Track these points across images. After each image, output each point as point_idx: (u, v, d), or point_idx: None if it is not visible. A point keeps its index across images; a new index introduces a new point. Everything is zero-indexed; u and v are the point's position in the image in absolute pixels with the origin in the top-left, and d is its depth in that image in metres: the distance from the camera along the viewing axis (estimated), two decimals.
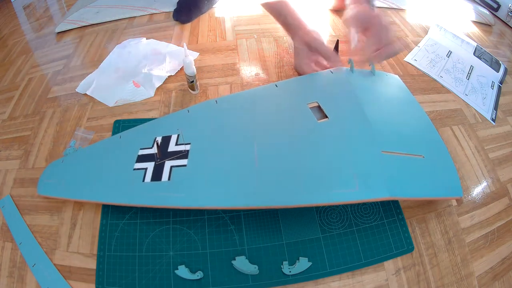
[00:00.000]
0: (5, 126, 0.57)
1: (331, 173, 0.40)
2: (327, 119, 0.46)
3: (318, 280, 0.39)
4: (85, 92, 0.59)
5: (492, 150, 0.54)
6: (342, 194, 0.38)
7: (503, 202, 0.48)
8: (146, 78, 0.60)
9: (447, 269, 0.41)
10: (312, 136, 0.44)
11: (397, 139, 0.44)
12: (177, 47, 0.68)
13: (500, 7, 0.89)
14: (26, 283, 0.40)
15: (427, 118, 0.50)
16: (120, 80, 0.60)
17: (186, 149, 0.44)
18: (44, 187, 0.45)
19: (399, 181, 0.39)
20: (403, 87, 0.56)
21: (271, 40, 0.71)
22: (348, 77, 0.54)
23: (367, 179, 0.39)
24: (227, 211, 0.43)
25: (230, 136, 0.46)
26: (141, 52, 0.65)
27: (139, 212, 0.43)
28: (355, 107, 0.48)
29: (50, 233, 0.43)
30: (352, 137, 0.43)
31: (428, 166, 0.43)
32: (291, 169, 0.41)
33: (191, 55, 0.66)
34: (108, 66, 0.64)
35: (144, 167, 0.44)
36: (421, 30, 0.78)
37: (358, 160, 0.41)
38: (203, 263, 0.40)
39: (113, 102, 0.57)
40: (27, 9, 0.93)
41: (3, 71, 0.69)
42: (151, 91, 0.59)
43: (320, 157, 0.42)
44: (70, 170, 0.46)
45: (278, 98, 0.51)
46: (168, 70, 0.62)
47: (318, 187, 0.39)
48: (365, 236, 0.42)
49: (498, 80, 0.68)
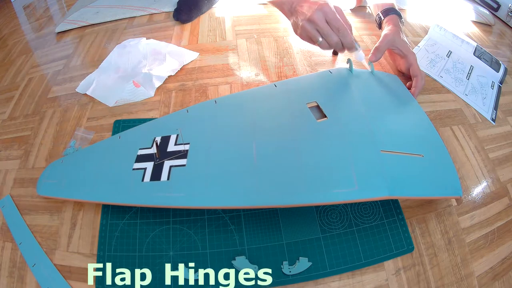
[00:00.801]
0: (5, 126, 0.57)
1: (330, 173, 0.40)
2: (326, 118, 0.46)
3: (318, 280, 0.39)
4: (85, 92, 0.59)
5: (492, 150, 0.54)
6: (342, 193, 0.38)
7: (503, 202, 0.48)
8: (146, 78, 0.60)
9: (447, 269, 0.41)
10: (311, 136, 0.44)
11: (396, 139, 0.44)
12: (177, 47, 0.68)
13: (500, 7, 0.89)
14: (26, 283, 0.40)
15: (426, 118, 0.50)
16: (120, 80, 0.60)
17: (185, 149, 0.44)
18: (43, 187, 0.45)
19: (399, 181, 0.39)
20: (402, 87, 0.56)
21: (271, 40, 0.71)
22: (347, 76, 0.54)
23: (367, 179, 0.39)
24: (227, 211, 0.43)
25: (229, 136, 0.46)
26: (141, 52, 0.65)
27: (139, 212, 0.43)
28: (354, 106, 0.48)
29: (50, 233, 0.43)
30: (351, 137, 0.43)
31: (427, 166, 0.43)
32: (291, 169, 0.41)
33: (192, 55, 0.66)
34: (108, 66, 0.64)
35: (143, 167, 0.44)
36: (421, 30, 0.78)
37: (357, 159, 0.41)
38: (203, 263, 0.40)
39: (113, 102, 0.57)
40: (27, 9, 0.94)
41: (3, 71, 0.69)
42: (151, 91, 0.59)
43: (319, 156, 0.42)
44: (69, 170, 0.46)
45: (277, 98, 0.51)
46: (168, 70, 0.62)
47: (317, 186, 0.39)
48: (365, 236, 0.42)
49: (498, 80, 0.68)
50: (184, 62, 0.64)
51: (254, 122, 0.47)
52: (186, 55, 0.66)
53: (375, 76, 0.56)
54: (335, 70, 0.56)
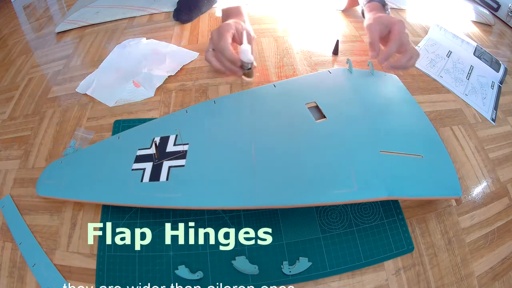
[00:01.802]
0: (5, 126, 0.57)
1: (330, 173, 0.40)
2: (325, 119, 0.46)
3: (318, 280, 0.39)
4: (85, 92, 0.59)
5: (492, 150, 0.54)
6: (341, 194, 0.38)
7: (503, 202, 0.48)
8: (146, 78, 0.60)
9: (447, 269, 0.41)
10: (310, 136, 0.44)
11: (395, 139, 0.44)
12: (177, 47, 0.68)
13: (500, 7, 0.89)
14: (26, 283, 0.40)
15: (426, 118, 0.50)
16: (120, 80, 0.60)
17: (184, 149, 0.44)
18: (43, 187, 0.45)
19: (398, 181, 0.39)
20: (402, 87, 0.56)
21: (271, 40, 0.71)
22: (346, 77, 0.54)
23: (366, 179, 0.39)
24: (227, 211, 0.43)
25: (228, 136, 0.46)
26: (141, 52, 0.65)
27: (139, 212, 0.43)
28: (353, 107, 0.48)
29: (50, 233, 0.43)
30: (351, 137, 0.43)
31: (427, 166, 0.43)
32: (290, 170, 0.41)
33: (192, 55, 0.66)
34: (108, 66, 0.64)
35: (143, 168, 0.44)
36: (421, 30, 0.78)
37: (356, 160, 0.41)
38: (203, 263, 0.40)
39: (113, 102, 0.57)
40: (27, 9, 0.94)
41: (3, 71, 0.69)
42: (151, 91, 0.59)
43: (318, 157, 0.42)
44: (69, 170, 0.46)
45: (277, 98, 0.51)
46: (168, 70, 0.62)
47: (317, 187, 0.39)
48: (365, 236, 0.42)
49: (498, 80, 0.68)
50: (184, 62, 0.64)
51: (253, 123, 0.47)
52: (186, 55, 0.66)
53: (374, 76, 0.56)
54: (334, 70, 0.56)
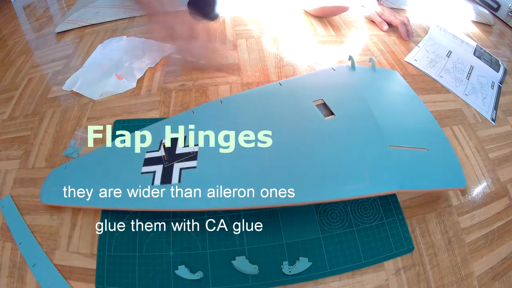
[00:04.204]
0: (5, 126, 0.57)
1: (342, 169, 0.40)
2: (333, 116, 0.46)
3: (318, 280, 0.39)
4: (72, 89, 0.61)
5: (492, 150, 0.54)
6: (354, 189, 0.38)
7: (503, 202, 0.48)
8: (128, 71, 0.63)
9: (447, 269, 0.41)
10: (320, 134, 0.44)
11: (402, 133, 0.45)
12: (156, 42, 0.70)
13: (500, 7, 0.89)
14: (26, 283, 0.40)
15: (428, 112, 0.50)
16: (104, 75, 0.63)
17: (194, 150, 0.44)
18: (47, 195, 0.44)
19: (408, 174, 0.40)
20: (403, 82, 0.56)
21: (271, 40, 0.71)
22: (350, 73, 0.54)
23: (377, 173, 0.39)
24: (227, 211, 0.43)
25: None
26: (122, 48, 0.68)
27: (139, 212, 0.43)
28: (360, 103, 0.48)
29: (50, 233, 0.43)
30: (360, 133, 0.44)
31: (433, 159, 0.44)
32: (303, 167, 0.41)
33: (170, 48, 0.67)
34: (92, 64, 0.67)
35: (152, 171, 0.43)
36: (421, 30, 0.78)
37: (367, 155, 0.41)
38: (203, 263, 0.40)
39: (98, 95, 0.59)
40: (27, 9, 0.93)
41: (3, 71, 0.69)
42: (133, 82, 0.62)
43: (330, 154, 0.42)
44: (74, 177, 0.45)
45: (284, 97, 0.51)
46: (147, 63, 0.65)
47: (330, 183, 0.39)
48: (365, 236, 0.42)
49: (498, 80, 0.68)
50: (163, 55, 0.67)
51: (263, 121, 0.46)
52: (165, 48, 0.68)
53: (376, 72, 0.56)
54: (338, 68, 0.56)
